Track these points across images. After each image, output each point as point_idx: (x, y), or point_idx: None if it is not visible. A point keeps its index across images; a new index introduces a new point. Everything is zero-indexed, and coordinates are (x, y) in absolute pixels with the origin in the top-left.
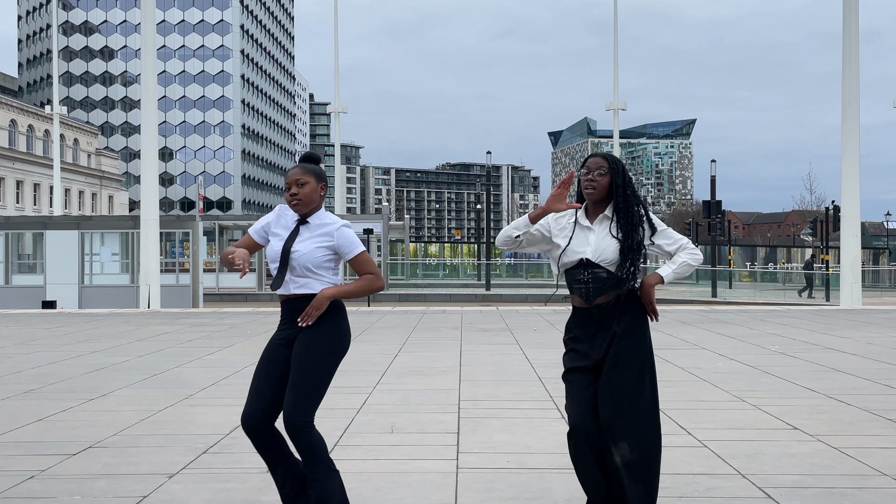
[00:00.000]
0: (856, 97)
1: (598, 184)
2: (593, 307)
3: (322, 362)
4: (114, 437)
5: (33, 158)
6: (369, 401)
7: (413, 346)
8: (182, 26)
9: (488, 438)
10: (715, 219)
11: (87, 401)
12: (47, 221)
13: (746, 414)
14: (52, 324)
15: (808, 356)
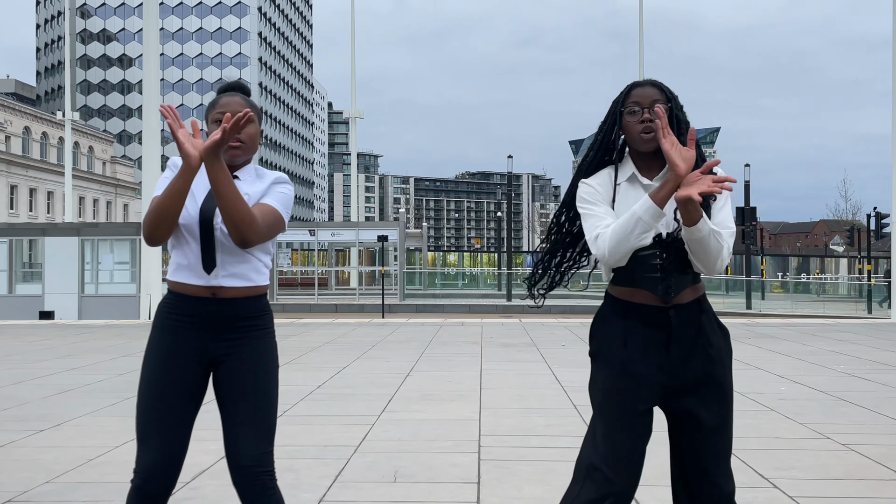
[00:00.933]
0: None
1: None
2: (671, 307)
3: (273, 384)
4: (46, 483)
5: (47, 166)
6: (370, 435)
7: (427, 363)
8: (200, 34)
9: (518, 492)
10: (748, 227)
11: (35, 433)
12: (47, 228)
13: (839, 457)
14: (39, 336)
15: (881, 378)
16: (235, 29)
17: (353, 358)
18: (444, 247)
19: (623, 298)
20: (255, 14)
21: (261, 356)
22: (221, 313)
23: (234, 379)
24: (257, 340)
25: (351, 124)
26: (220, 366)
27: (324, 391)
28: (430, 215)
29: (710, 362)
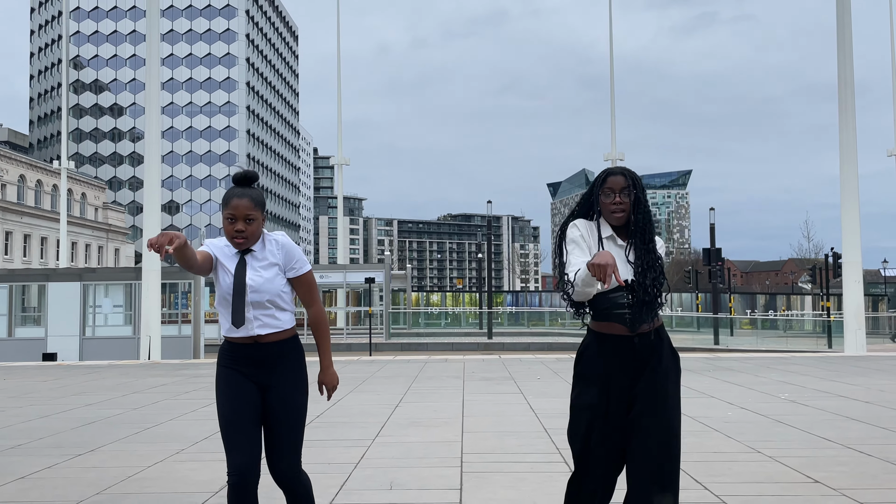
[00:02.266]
0: (853, 146)
1: (625, 205)
2: (636, 336)
3: (304, 408)
4: (95, 496)
5: (41, 212)
6: (368, 454)
7: (414, 395)
8: (189, 84)
9: (493, 494)
10: (715, 266)
11: (74, 457)
12: (50, 273)
13: (764, 466)
14: (50, 376)
15: (819, 404)
16: (224, 79)
17: (347, 392)
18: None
19: (600, 331)
20: (243, 64)
21: (293, 386)
22: (262, 353)
23: (273, 406)
24: (292, 372)
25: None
26: (266, 393)
27: (322, 420)
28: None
29: (663, 376)
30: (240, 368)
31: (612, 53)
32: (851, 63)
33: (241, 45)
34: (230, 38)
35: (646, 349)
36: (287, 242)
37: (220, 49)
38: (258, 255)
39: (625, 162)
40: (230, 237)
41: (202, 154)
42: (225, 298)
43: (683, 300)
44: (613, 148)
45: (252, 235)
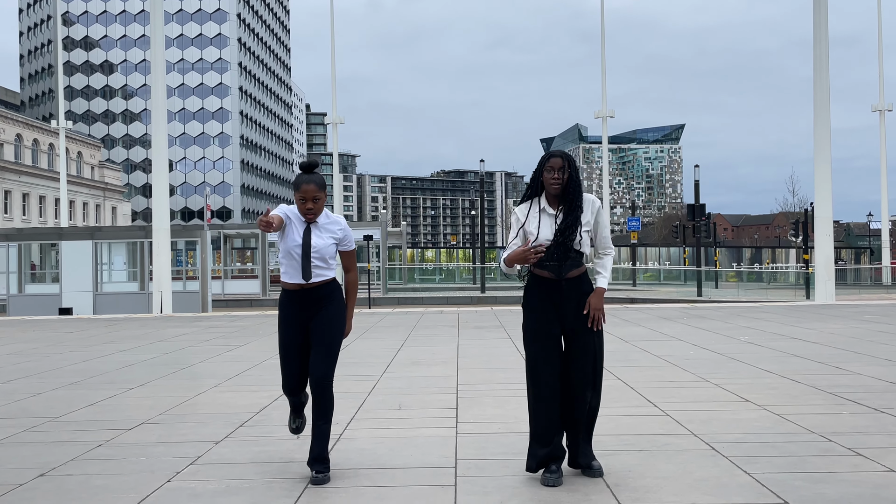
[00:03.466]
0: (826, 103)
1: (562, 180)
2: (563, 280)
3: (340, 336)
4: (160, 416)
5: (38, 171)
6: (378, 386)
7: (414, 342)
8: (181, 40)
9: (482, 412)
10: (699, 221)
11: (129, 389)
12: (61, 232)
13: (707, 391)
14: (76, 328)
15: (773, 345)
16: (215, 35)
17: (353, 339)
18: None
19: (537, 275)
20: (234, 20)
21: (331, 316)
22: (311, 296)
23: (315, 329)
24: (331, 307)
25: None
26: (310, 323)
27: None
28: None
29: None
30: (294, 310)
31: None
32: (826, 18)
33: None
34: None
35: (571, 290)
36: (346, 227)
37: (210, 4)
38: (320, 225)
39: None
40: (303, 213)
41: (195, 111)
42: (290, 253)
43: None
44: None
45: (319, 211)
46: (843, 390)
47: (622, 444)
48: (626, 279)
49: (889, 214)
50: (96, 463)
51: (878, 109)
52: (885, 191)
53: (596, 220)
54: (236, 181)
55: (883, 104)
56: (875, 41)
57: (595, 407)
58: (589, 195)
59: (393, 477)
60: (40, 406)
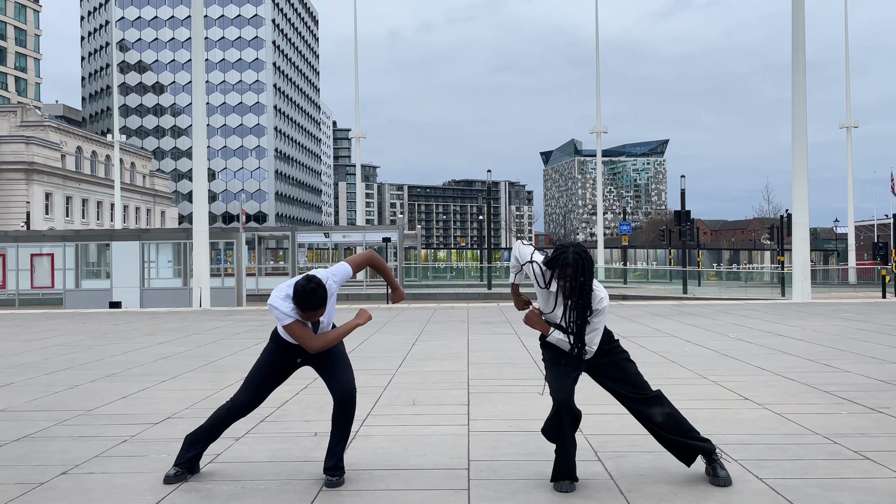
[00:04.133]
0: (804, 120)
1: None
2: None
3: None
4: (186, 410)
5: (96, 180)
6: (393, 381)
7: (428, 336)
8: (223, 64)
9: (493, 409)
10: (685, 226)
11: (161, 382)
12: (113, 234)
13: (707, 388)
14: (121, 321)
15: (762, 342)
16: (253, 60)
17: (371, 332)
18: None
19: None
20: (269, 47)
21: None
22: None
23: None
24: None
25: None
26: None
27: (355, 354)
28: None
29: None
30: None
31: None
32: (804, 45)
33: (268, 28)
34: (258, 22)
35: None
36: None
37: (249, 33)
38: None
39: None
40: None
41: (235, 127)
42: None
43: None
44: (598, 121)
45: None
46: (837, 388)
47: (631, 446)
48: (618, 277)
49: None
50: (119, 460)
51: (845, 126)
52: (851, 199)
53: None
54: (271, 189)
55: (849, 121)
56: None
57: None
58: (599, 292)
59: (407, 480)
60: (76, 398)
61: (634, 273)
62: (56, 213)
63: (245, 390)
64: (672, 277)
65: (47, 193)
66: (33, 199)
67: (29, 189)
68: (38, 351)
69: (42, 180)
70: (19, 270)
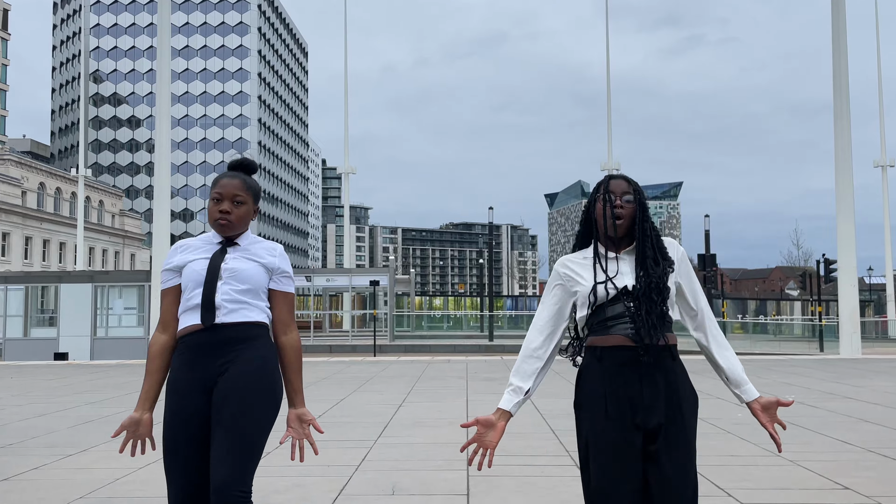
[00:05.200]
0: (848, 156)
1: (626, 211)
2: (641, 346)
3: (262, 415)
4: (80, 500)
5: (59, 218)
6: (370, 456)
7: (418, 395)
8: (204, 97)
9: (502, 502)
10: (710, 272)
11: (65, 457)
12: (63, 275)
13: (787, 471)
14: (58, 375)
15: (829, 406)
16: (237, 92)
17: (351, 391)
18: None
19: (599, 345)
20: (255, 79)
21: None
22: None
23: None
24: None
25: (344, 179)
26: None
27: (325, 419)
28: (416, 263)
29: (678, 407)
30: (188, 372)
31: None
32: (846, 76)
33: (254, 60)
34: (243, 53)
35: (656, 366)
36: (283, 255)
37: (233, 64)
38: (241, 247)
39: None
40: (213, 219)
41: (215, 165)
42: (188, 286)
43: None
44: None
45: (238, 220)
46: None
47: None
48: None
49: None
50: None
51: (879, 165)
52: (889, 243)
53: (686, 274)
54: (254, 230)
55: (884, 160)
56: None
57: None
58: (668, 238)
59: None
60: None
61: None
62: (13, 255)
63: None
64: None
65: (4, 233)
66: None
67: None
68: None
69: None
70: None
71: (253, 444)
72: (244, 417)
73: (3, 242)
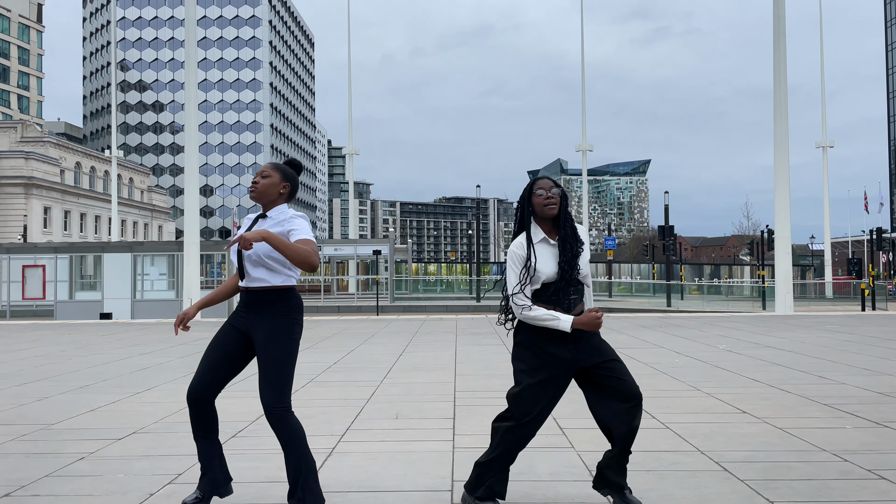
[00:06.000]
0: (785, 137)
1: (556, 199)
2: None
3: (287, 349)
4: (155, 424)
5: (94, 195)
6: (377, 392)
7: (415, 347)
8: (221, 84)
9: (480, 422)
10: (668, 241)
11: (134, 394)
12: (105, 246)
13: (702, 401)
14: (108, 332)
15: (751, 353)
16: (251, 80)
17: (358, 344)
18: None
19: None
20: (266, 67)
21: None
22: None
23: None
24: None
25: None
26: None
27: (339, 366)
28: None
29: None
30: (237, 313)
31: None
32: (785, 67)
33: (265, 50)
34: (255, 44)
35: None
36: (293, 214)
37: (246, 54)
38: (270, 219)
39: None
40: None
41: (232, 145)
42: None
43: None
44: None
45: (262, 188)
46: (835, 401)
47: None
48: (603, 291)
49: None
50: (70, 481)
51: (821, 146)
52: (828, 215)
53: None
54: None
55: (825, 141)
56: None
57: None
58: (580, 224)
59: (384, 503)
60: (41, 411)
61: (619, 287)
62: (54, 227)
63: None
64: (656, 291)
65: (46, 207)
66: (31, 212)
67: (27, 203)
68: (14, 362)
69: (41, 194)
70: (10, 282)
71: (284, 376)
72: (278, 360)
73: (45, 216)
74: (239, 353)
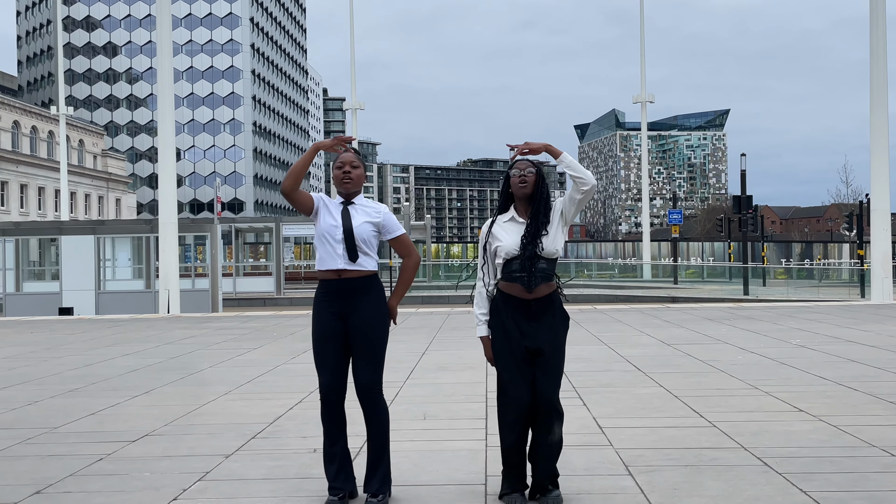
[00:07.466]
0: (884, 88)
1: (530, 178)
2: (532, 300)
3: (382, 336)
4: (165, 427)
5: (37, 161)
6: (401, 394)
7: (440, 344)
8: (189, 20)
9: None
10: (746, 214)
11: (132, 397)
12: (62, 227)
13: (758, 400)
14: (77, 329)
15: (826, 348)
16: (226, 14)
17: None
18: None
19: (504, 291)
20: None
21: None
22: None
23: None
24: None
25: (351, 116)
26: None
27: None
28: (431, 205)
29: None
30: (327, 301)
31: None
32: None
33: None
34: None
35: (541, 310)
36: (387, 212)
37: None
38: (357, 206)
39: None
40: (339, 181)
41: (204, 96)
42: (324, 237)
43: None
44: (643, 89)
45: (357, 178)
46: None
47: (665, 459)
48: (667, 276)
49: None
50: (97, 479)
51: None
52: None
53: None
54: (249, 171)
55: None
56: None
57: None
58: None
59: (419, 497)
60: (37, 415)
61: (687, 271)
62: None
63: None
64: (731, 276)
65: None
66: None
67: None
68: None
69: None
70: None
71: (381, 358)
72: (374, 343)
73: None
74: (346, 341)
